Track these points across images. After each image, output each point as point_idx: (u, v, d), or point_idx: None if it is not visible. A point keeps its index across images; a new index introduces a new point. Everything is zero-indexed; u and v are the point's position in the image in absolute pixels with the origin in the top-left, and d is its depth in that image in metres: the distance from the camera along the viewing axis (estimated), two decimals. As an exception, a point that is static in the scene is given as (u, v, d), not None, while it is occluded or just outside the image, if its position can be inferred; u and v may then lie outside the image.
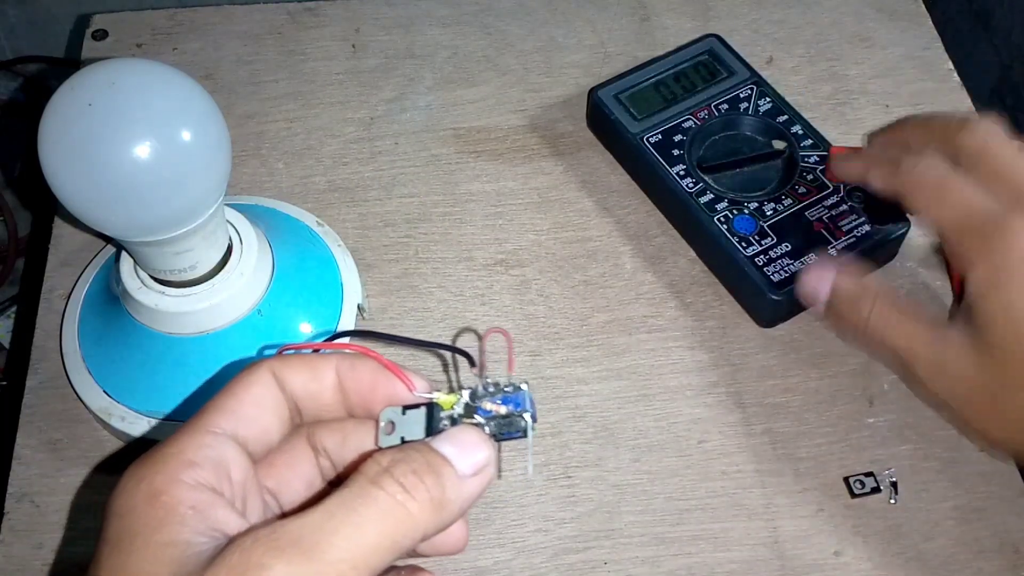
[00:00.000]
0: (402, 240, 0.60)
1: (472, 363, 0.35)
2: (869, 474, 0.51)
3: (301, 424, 0.34)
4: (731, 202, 0.57)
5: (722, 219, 0.56)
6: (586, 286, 0.58)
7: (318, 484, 0.35)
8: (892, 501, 0.51)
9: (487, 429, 0.33)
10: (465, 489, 0.31)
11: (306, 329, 0.52)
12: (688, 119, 0.60)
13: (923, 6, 0.71)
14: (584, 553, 0.49)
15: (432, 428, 0.33)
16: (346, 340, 0.34)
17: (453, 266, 0.59)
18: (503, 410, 0.33)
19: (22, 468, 0.51)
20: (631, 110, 0.61)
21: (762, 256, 0.55)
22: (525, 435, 0.34)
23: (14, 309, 0.97)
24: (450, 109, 0.65)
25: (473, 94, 0.66)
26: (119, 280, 0.50)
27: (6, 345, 0.95)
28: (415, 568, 0.34)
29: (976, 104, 0.66)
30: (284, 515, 0.30)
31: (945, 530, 0.50)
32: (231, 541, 0.28)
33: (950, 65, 0.68)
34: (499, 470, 0.51)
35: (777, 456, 0.52)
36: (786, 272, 0.54)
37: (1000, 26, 0.97)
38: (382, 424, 0.33)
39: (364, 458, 0.31)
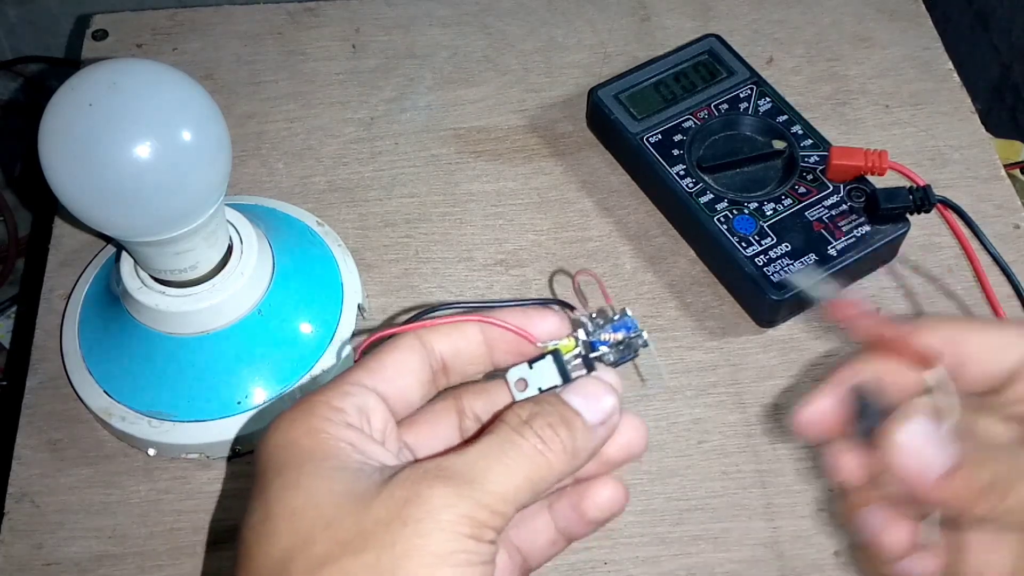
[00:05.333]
0: (402, 240, 0.60)
1: (572, 308, 0.37)
2: (869, 474, 0.51)
3: (448, 388, 0.37)
4: (731, 202, 0.57)
5: (722, 219, 0.56)
6: (586, 286, 0.58)
7: (455, 444, 0.37)
8: (892, 501, 0.50)
9: (610, 358, 0.36)
10: (594, 437, 0.34)
11: (306, 329, 0.52)
12: (688, 119, 0.60)
13: (923, 6, 0.71)
14: (584, 553, 0.49)
15: (564, 372, 0.35)
16: (437, 314, 0.36)
17: (453, 266, 0.59)
18: (620, 336, 0.36)
19: (22, 468, 0.51)
20: (631, 110, 0.61)
21: (762, 256, 0.55)
22: (637, 354, 0.36)
23: (14, 309, 0.97)
24: (450, 109, 0.65)
25: (473, 94, 0.66)
26: (119, 280, 0.50)
27: (6, 345, 0.95)
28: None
29: (976, 104, 0.66)
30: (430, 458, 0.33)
31: (945, 530, 0.50)
32: (399, 471, 0.31)
33: (950, 65, 0.68)
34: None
35: (777, 456, 0.52)
36: (786, 272, 0.54)
37: (1000, 26, 0.97)
38: (512, 383, 0.36)
39: (505, 409, 0.34)
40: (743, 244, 0.55)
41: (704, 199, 0.57)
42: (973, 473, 0.31)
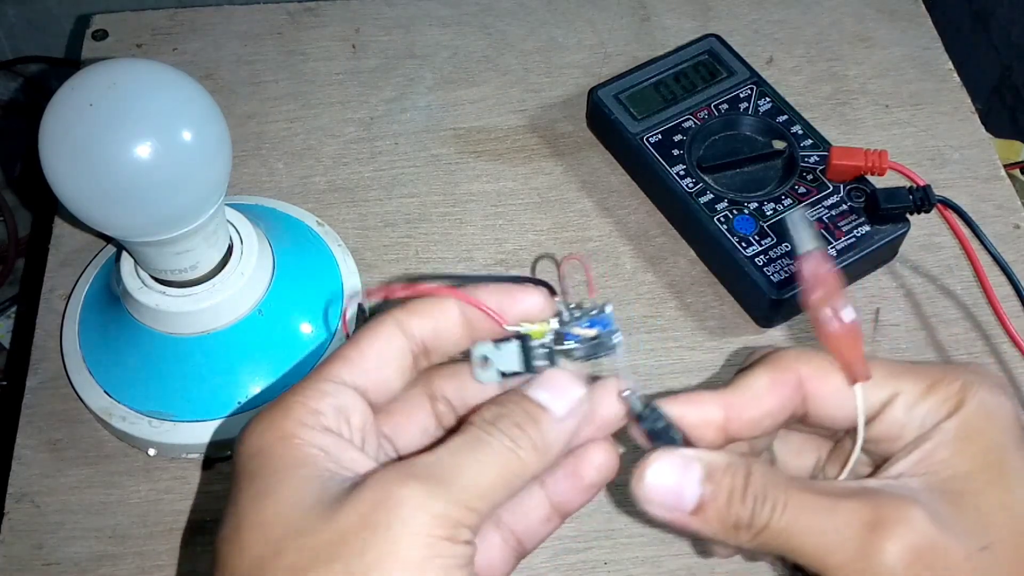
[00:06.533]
0: (402, 240, 0.60)
1: (553, 292, 0.36)
2: (869, 474, 0.51)
3: (428, 369, 0.36)
4: (731, 202, 0.57)
5: (722, 219, 0.56)
6: (586, 286, 0.58)
7: (432, 431, 0.37)
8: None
9: (578, 353, 0.35)
10: (563, 429, 0.33)
11: (306, 329, 0.52)
12: (688, 119, 0.60)
13: (923, 6, 0.71)
14: (584, 553, 0.49)
15: (528, 359, 0.34)
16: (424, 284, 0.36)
17: (453, 266, 0.59)
18: (592, 332, 0.35)
19: (22, 468, 0.51)
20: (631, 110, 0.61)
21: (762, 256, 0.55)
22: (614, 352, 0.35)
23: (14, 309, 0.97)
24: (450, 109, 0.65)
25: (473, 94, 0.66)
26: (119, 280, 0.50)
27: (6, 345, 0.95)
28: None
29: (976, 104, 0.66)
30: (401, 458, 0.32)
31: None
32: (369, 475, 0.31)
33: (950, 65, 0.68)
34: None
35: (777, 456, 0.52)
36: (786, 272, 0.54)
37: (1000, 26, 0.98)
38: (475, 358, 0.35)
39: (473, 411, 0.34)
40: (743, 244, 0.55)
41: (704, 199, 0.57)
42: (723, 511, 0.32)
